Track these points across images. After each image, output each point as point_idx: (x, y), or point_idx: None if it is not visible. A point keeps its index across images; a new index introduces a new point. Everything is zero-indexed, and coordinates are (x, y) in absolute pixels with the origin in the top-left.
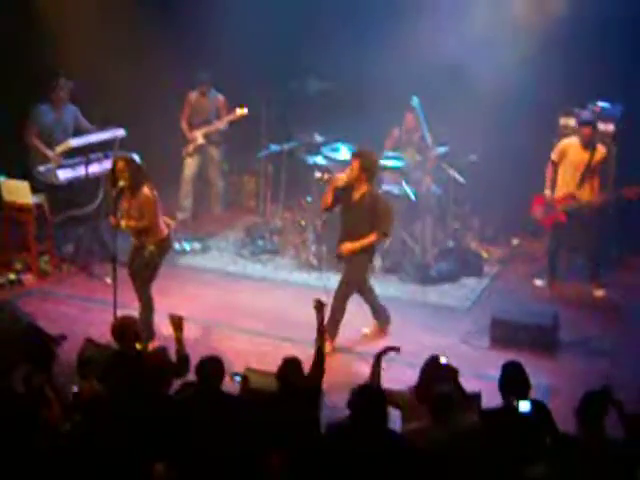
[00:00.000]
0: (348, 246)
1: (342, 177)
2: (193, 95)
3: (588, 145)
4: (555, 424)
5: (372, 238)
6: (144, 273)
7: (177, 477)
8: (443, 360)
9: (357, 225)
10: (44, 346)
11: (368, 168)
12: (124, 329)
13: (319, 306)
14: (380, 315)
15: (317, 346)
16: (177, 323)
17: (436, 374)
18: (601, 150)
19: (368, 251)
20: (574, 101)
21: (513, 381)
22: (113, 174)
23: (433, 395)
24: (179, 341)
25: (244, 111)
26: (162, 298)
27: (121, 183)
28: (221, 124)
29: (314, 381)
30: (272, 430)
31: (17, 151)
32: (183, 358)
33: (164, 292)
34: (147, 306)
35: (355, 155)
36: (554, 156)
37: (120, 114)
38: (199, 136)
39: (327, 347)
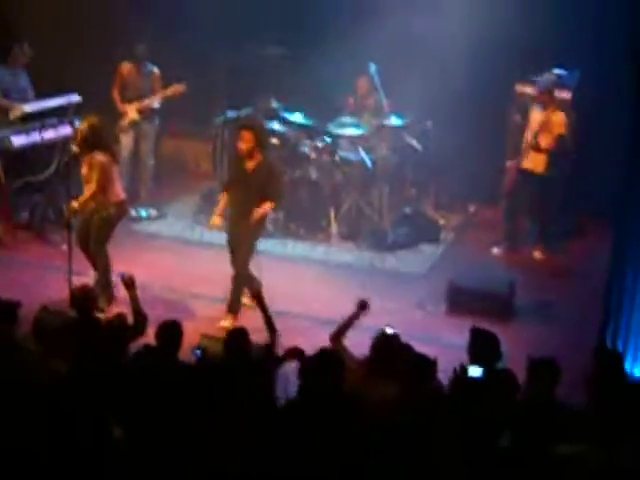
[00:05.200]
0: (258, 213)
1: None
2: (126, 66)
3: (544, 107)
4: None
5: (271, 206)
6: (100, 234)
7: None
8: (389, 331)
9: (250, 196)
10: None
11: (260, 139)
12: (84, 298)
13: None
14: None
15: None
16: (128, 282)
17: (388, 346)
18: (559, 115)
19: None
20: (531, 69)
21: (483, 349)
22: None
23: (410, 360)
24: (134, 299)
25: (181, 87)
26: (117, 265)
27: (73, 148)
28: (155, 100)
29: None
30: (225, 397)
31: None
32: (140, 317)
33: (119, 259)
34: (104, 267)
35: (247, 127)
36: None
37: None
38: (132, 111)
39: (228, 322)
